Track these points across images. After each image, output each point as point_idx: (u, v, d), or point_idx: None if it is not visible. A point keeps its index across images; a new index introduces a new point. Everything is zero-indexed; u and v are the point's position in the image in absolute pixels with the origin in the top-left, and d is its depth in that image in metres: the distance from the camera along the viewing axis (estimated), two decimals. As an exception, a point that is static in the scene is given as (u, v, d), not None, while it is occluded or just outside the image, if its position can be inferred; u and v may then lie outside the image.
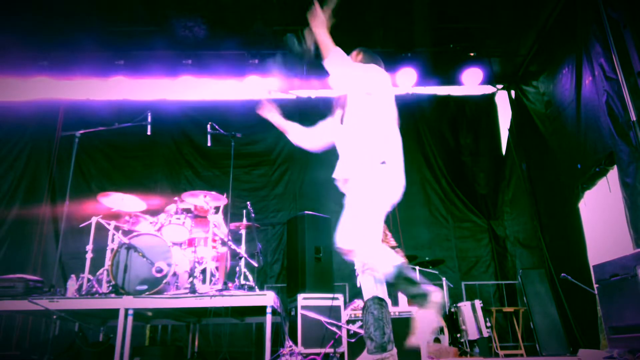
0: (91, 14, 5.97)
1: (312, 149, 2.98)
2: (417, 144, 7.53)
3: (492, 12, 6.18)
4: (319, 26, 2.49)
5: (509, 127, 7.46)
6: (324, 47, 2.48)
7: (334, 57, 2.47)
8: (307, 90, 7.69)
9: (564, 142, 6.14)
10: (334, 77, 2.54)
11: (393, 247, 5.08)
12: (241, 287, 4.53)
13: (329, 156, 8.63)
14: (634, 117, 4.37)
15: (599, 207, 5.58)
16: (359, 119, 2.52)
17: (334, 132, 2.74)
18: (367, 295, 2.32)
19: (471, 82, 7.08)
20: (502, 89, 7.72)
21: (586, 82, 5.35)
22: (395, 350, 2.26)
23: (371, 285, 2.33)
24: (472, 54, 6.84)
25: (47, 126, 7.15)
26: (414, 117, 7.61)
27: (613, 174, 5.09)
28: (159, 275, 4.14)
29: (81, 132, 4.93)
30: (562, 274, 5.09)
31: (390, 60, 6.95)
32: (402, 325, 3.52)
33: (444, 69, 7.21)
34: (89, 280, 4.38)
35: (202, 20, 6.03)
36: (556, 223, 6.55)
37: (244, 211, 5.16)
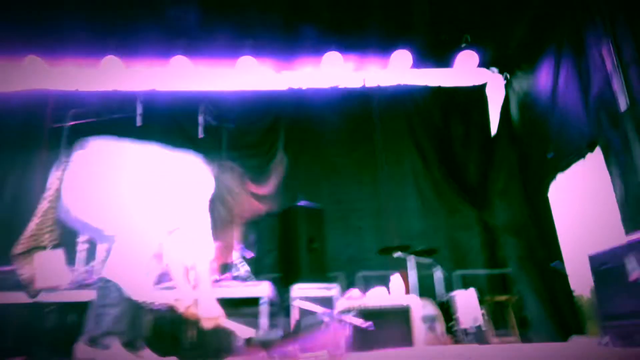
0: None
1: None
2: (409, 134, 7.51)
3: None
4: None
5: (499, 117, 7.46)
6: None
7: None
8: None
9: (537, 130, 6.19)
10: None
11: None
12: (235, 278, 4.54)
13: (325, 147, 8.43)
14: (625, 107, 4.39)
15: (575, 196, 5.66)
16: None
17: None
18: None
19: (465, 69, 7.06)
20: (496, 76, 7.68)
21: (568, 70, 5.35)
22: (117, 346, 2.18)
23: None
24: (466, 41, 6.80)
25: (36, 117, 6.99)
26: (405, 107, 7.57)
27: (585, 162, 5.18)
28: (152, 267, 4.11)
29: (71, 123, 4.88)
30: (553, 262, 5.14)
31: (383, 47, 6.91)
32: (397, 316, 3.55)
33: (437, 56, 7.16)
34: (85, 271, 4.37)
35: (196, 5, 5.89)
36: (534, 212, 6.63)
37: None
